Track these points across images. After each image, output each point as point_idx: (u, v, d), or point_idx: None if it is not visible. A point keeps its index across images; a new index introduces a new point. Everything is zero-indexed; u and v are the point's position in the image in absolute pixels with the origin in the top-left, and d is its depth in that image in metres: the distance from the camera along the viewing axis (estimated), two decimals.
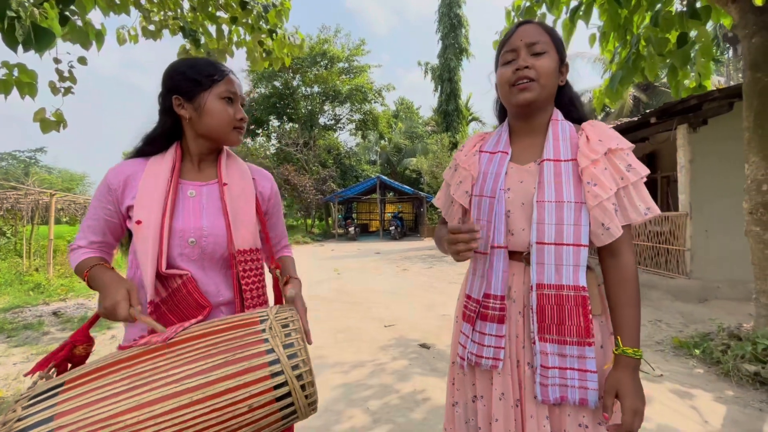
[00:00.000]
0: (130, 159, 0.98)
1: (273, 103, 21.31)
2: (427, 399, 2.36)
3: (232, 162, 1.04)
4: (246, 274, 0.96)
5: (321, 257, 10.49)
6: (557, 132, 0.91)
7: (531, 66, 0.88)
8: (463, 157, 1.03)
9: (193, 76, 0.93)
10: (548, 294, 0.83)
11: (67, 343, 0.86)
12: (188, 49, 3.59)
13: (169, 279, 0.90)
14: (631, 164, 0.83)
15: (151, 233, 0.87)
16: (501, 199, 0.90)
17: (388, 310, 4.62)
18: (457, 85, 18.15)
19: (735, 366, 2.51)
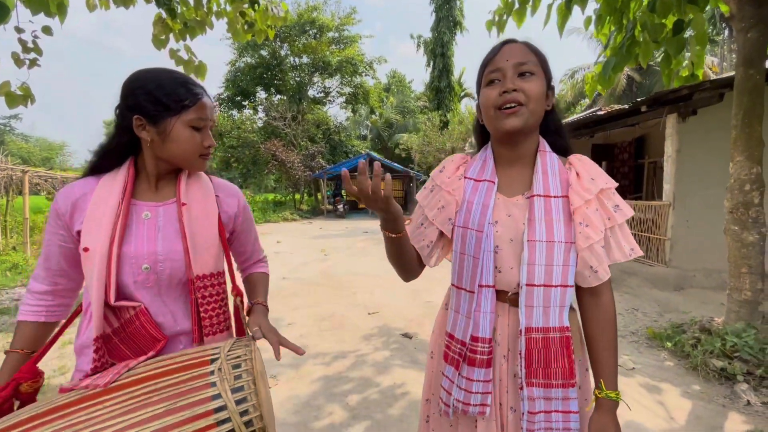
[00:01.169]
0: (81, 179, 0.89)
1: (260, 73, 20.49)
2: (405, 393, 2.40)
3: (193, 179, 0.96)
4: (206, 300, 0.91)
5: (309, 236, 10.45)
6: (546, 165, 0.86)
7: (519, 89, 0.80)
8: (445, 179, 0.94)
9: (161, 99, 0.83)
10: (536, 338, 0.81)
11: (11, 382, 0.82)
12: (164, 18, 3.36)
13: (122, 308, 0.84)
14: (618, 205, 0.83)
15: (98, 261, 0.81)
16: (490, 234, 0.84)
17: (373, 295, 4.65)
18: (450, 60, 17.63)
19: (703, 361, 2.60)
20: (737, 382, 2.39)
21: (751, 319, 2.76)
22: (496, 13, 3.58)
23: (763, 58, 2.65)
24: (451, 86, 17.77)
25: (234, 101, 21.81)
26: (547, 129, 0.91)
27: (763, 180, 2.70)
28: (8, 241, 7.23)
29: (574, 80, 20.16)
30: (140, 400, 0.69)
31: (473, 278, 0.85)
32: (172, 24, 3.36)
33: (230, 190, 1.03)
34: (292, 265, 6.41)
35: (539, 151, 0.88)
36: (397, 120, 24.74)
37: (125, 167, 0.89)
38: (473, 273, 0.85)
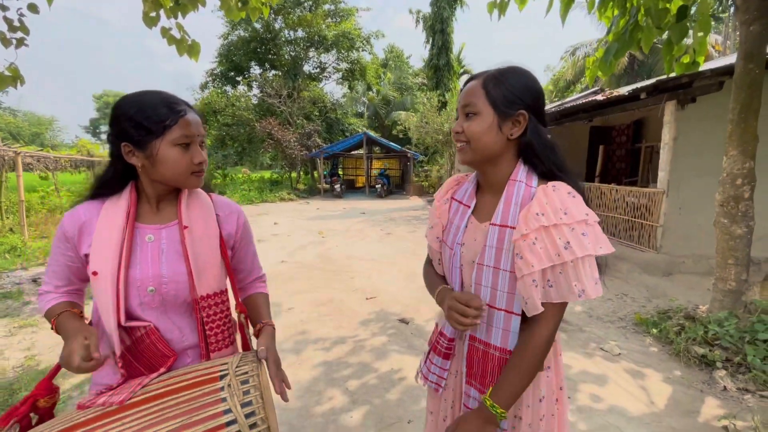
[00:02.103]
0: (86, 202, 0.93)
1: (254, 48, 19.86)
2: (402, 379, 2.52)
3: (193, 200, 0.99)
4: (210, 318, 0.96)
5: (306, 216, 10.49)
6: (511, 195, 0.88)
7: (463, 130, 0.89)
8: (437, 202, 1.06)
9: (142, 122, 0.85)
10: (477, 348, 0.91)
11: (29, 397, 0.87)
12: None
13: (132, 327, 0.90)
14: (570, 242, 0.77)
15: (108, 285, 0.86)
16: (456, 253, 0.94)
17: (370, 280, 4.75)
18: (450, 37, 17.14)
19: (686, 347, 2.73)
20: (716, 369, 2.53)
21: (734, 308, 2.88)
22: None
23: (763, 52, 2.64)
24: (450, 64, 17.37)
25: (227, 77, 21.25)
26: (526, 153, 0.90)
27: (754, 175, 2.75)
28: (4, 222, 7.21)
29: (575, 57, 19.75)
30: (157, 416, 0.75)
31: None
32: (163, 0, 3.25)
33: (230, 207, 1.06)
34: (290, 248, 6.48)
35: (509, 180, 0.89)
36: (395, 97, 24.30)
37: (127, 192, 0.92)
38: (450, 282, 0.99)
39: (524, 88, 0.86)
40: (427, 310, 3.74)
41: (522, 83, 0.87)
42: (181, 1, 3.44)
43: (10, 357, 2.82)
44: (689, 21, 2.74)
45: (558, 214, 0.79)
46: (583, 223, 0.79)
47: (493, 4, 3.55)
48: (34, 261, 5.51)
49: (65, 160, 9.16)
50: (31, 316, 3.59)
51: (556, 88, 22.27)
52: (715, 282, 3.02)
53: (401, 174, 20.39)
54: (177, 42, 3.40)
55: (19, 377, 2.54)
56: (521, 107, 0.86)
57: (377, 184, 15.97)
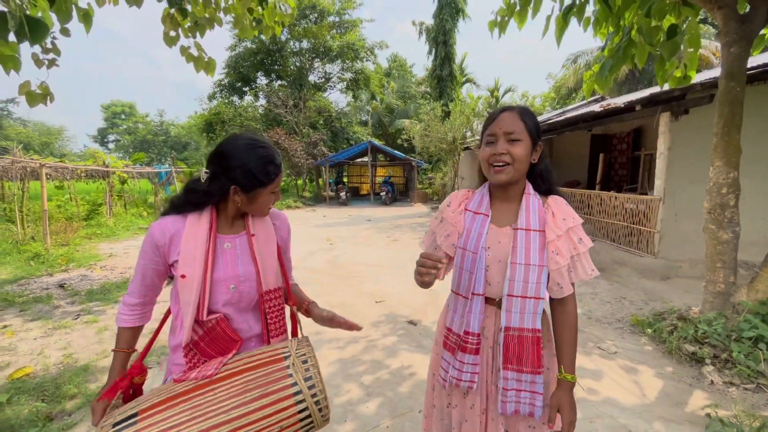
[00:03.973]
0: (170, 216, 1.11)
1: (260, 59, 20.36)
2: (413, 374, 2.73)
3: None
4: (271, 310, 1.19)
5: (314, 224, 10.74)
6: (529, 205, 1.13)
7: (507, 152, 1.08)
8: (450, 214, 1.22)
9: (258, 176, 1.07)
10: (513, 335, 1.10)
11: (127, 374, 1.10)
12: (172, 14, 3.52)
13: (207, 320, 1.10)
14: (582, 239, 1.10)
15: (195, 286, 1.05)
16: (482, 256, 1.12)
17: (379, 285, 4.97)
18: (452, 48, 17.52)
19: (677, 346, 2.92)
20: (705, 365, 2.71)
21: (723, 308, 3.06)
22: (498, 13, 3.75)
23: (743, 72, 2.86)
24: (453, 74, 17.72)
25: (235, 87, 21.72)
26: (533, 174, 1.18)
27: (739, 184, 2.96)
28: (26, 231, 7.51)
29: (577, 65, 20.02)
30: (241, 387, 0.98)
31: (468, 288, 1.14)
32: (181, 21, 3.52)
33: (282, 217, 1.31)
34: (300, 255, 6.71)
35: (525, 193, 1.16)
36: (398, 105, 24.69)
37: (208, 210, 1.13)
38: (468, 284, 1.14)
39: (538, 125, 1.13)
40: (434, 312, 3.95)
41: (537, 121, 1.13)
42: (200, 22, 3.74)
43: (50, 355, 3.06)
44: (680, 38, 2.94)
45: (570, 218, 1.10)
46: (580, 224, 1.12)
47: (493, 22, 3.81)
48: (58, 267, 5.79)
49: (82, 170, 9.50)
50: (62, 318, 3.83)
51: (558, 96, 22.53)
52: (705, 285, 3.21)
53: (405, 181, 20.65)
54: (195, 59, 3.68)
55: (61, 373, 2.77)
56: (539, 139, 1.13)
57: (382, 191, 16.24)
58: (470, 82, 24.62)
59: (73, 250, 6.91)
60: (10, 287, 4.80)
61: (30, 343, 3.29)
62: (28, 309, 4.09)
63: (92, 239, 8.21)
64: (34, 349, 3.18)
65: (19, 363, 2.94)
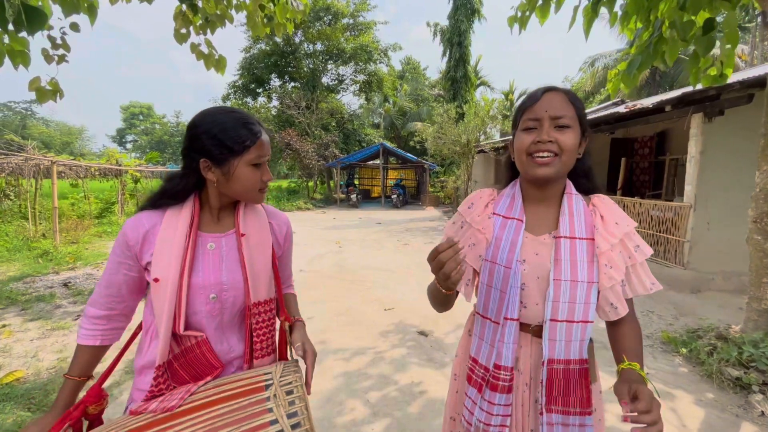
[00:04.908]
0: (147, 211, 0.95)
1: (274, 61, 20.44)
2: (423, 392, 2.50)
3: (249, 209, 1.03)
4: (258, 326, 0.99)
5: (323, 226, 10.59)
6: (572, 207, 0.91)
7: (555, 140, 0.86)
8: (475, 217, 0.99)
9: (226, 142, 0.89)
10: (557, 369, 0.88)
11: (80, 404, 0.90)
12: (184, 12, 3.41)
13: (184, 336, 0.92)
14: (639, 245, 0.89)
15: (169, 291, 0.87)
16: (517, 272, 0.90)
17: (388, 290, 4.75)
18: (467, 50, 17.25)
19: (718, 369, 2.63)
20: (752, 393, 2.42)
21: None
22: (518, 8, 3.52)
23: None
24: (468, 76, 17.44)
25: (249, 89, 21.85)
26: (575, 172, 0.96)
27: None
28: (38, 228, 7.54)
29: (594, 69, 19.57)
30: (207, 425, 0.77)
31: (499, 311, 0.92)
32: (193, 18, 3.41)
33: (281, 217, 1.11)
34: (308, 257, 6.55)
35: (566, 193, 0.93)
36: (411, 108, 24.48)
37: (191, 202, 0.95)
38: (499, 306, 0.92)
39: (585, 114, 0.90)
40: (446, 323, 3.71)
41: (584, 107, 0.90)
42: (210, 18, 3.62)
43: (44, 359, 2.93)
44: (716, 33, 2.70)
45: (623, 221, 0.89)
46: (635, 228, 0.91)
47: (513, 18, 3.58)
48: (65, 265, 5.74)
49: (95, 168, 9.55)
50: (62, 319, 3.72)
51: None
52: (748, 301, 2.91)
53: (417, 184, 20.41)
54: (205, 57, 3.56)
55: (52, 378, 2.63)
56: (585, 131, 0.90)
57: (393, 194, 16.03)
58: (484, 84, 24.29)
59: (82, 248, 6.89)
60: (16, 285, 4.75)
61: (26, 344, 3.18)
62: (29, 308, 4.00)
63: (102, 237, 8.21)
64: (28, 351, 3.06)
65: (11, 366, 2.82)
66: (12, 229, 7.55)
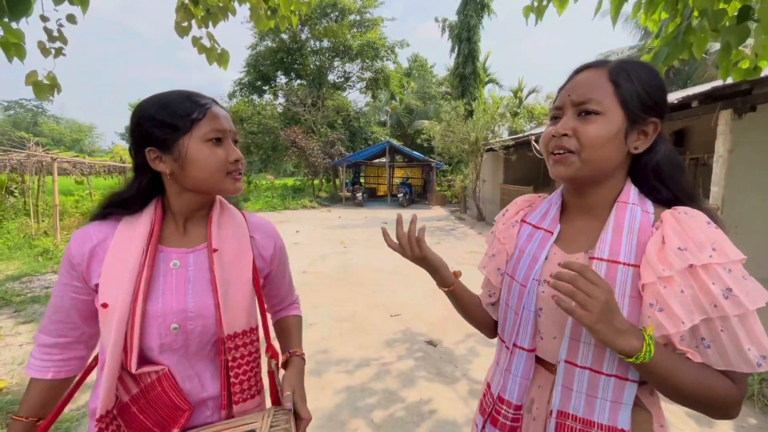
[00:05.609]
0: (97, 222, 0.77)
1: (280, 58, 20.29)
2: (433, 412, 2.29)
3: (226, 218, 0.84)
4: (236, 363, 0.79)
5: (328, 225, 10.42)
6: (622, 221, 0.67)
7: (572, 133, 0.66)
8: (501, 226, 0.86)
9: (167, 120, 0.72)
10: (572, 427, 0.66)
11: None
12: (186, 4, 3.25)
13: (143, 374, 0.74)
14: (732, 289, 0.56)
15: (117, 321, 0.69)
16: (532, 292, 0.72)
17: (394, 294, 4.54)
18: (476, 45, 16.91)
19: (760, 391, 2.38)
20: None
21: None
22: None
23: None
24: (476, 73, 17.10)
25: (255, 86, 21.76)
26: (642, 172, 0.71)
27: None
28: (40, 225, 7.46)
29: None
30: None
31: (510, 334, 0.77)
32: (195, 10, 3.25)
33: (267, 230, 0.91)
34: (312, 258, 6.37)
35: (618, 202, 0.69)
36: (418, 106, 24.20)
37: (151, 208, 0.77)
38: (511, 329, 0.76)
39: (658, 89, 0.66)
40: (456, 330, 3.50)
41: (656, 83, 0.66)
42: (212, 11, 3.44)
43: None
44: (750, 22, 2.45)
45: (705, 249, 0.58)
46: (739, 263, 0.59)
47: (529, 8, 3.33)
48: None
49: (99, 165, 9.48)
50: None
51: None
52: None
53: (423, 183, 20.17)
54: (207, 51, 3.38)
55: None
56: (654, 114, 0.66)
57: (399, 193, 15.81)
58: (493, 82, 23.89)
59: None
60: (12, 285, 4.63)
61: (14, 350, 3.03)
62: (23, 309, 3.87)
63: None
64: (16, 357, 2.91)
65: None
66: (15, 227, 7.49)
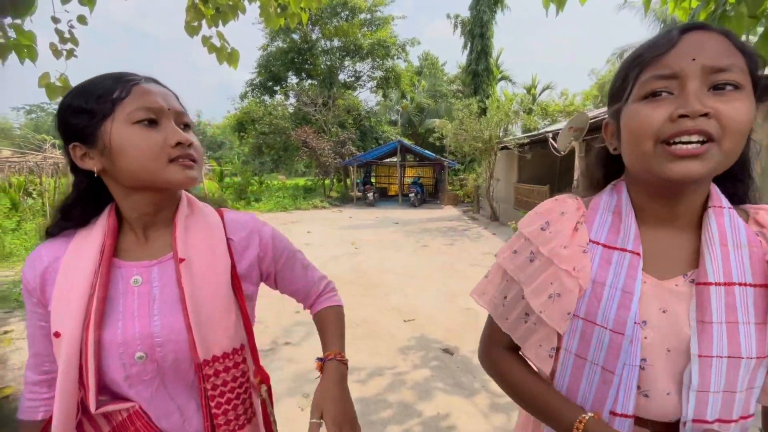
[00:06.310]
0: (49, 241, 0.67)
1: (291, 58, 20.31)
2: (452, 428, 2.15)
3: (195, 220, 0.71)
4: (218, 391, 0.67)
5: (339, 226, 10.33)
6: (724, 230, 0.54)
7: (713, 113, 0.48)
8: (559, 249, 0.62)
9: (82, 105, 0.60)
10: None
11: None
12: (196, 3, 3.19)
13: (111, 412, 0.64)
14: None
15: (65, 352, 0.60)
16: (635, 340, 0.54)
17: (407, 298, 4.41)
18: (489, 41, 16.62)
19: None
20: None
21: None
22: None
23: None
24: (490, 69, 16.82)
25: (266, 87, 21.84)
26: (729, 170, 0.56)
27: None
28: None
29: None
30: None
31: (601, 400, 0.57)
32: (205, 9, 3.18)
33: (247, 226, 0.77)
34: (323, 260, 6.28)
35: (712, 207, 0.56)
36: (429, 104, 23.96)
37: (104, 217, 0.66)
38: (602, 392, 0.57)
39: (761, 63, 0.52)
40: (473, 337, 3.34)
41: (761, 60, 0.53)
42: (222, 9, 3.38)
43: None
44: None
45: None
46: None
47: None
48: None
49: None
50: None
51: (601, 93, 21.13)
52: None
53: (435, 183, 19.95)
54: (217, 50, 3.32)
55: None
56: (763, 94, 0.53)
57: (410, 192, 15.63)
58: (506, 79, 23.49)
59: None
60: None
61: (23, 354, 3.00)
62: None
63: None
64: (24, 362, 2.87)
65: (5, 380, 2.63)
66: (32, 227, 7.59)
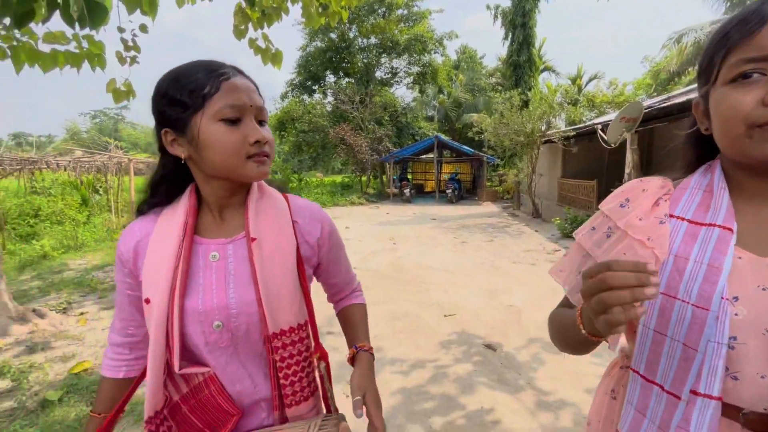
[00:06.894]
0: (142, 216, 0.76)
1: (329, 57, 20.70)
2: (496, 422, 2.13)
3: (265, 203, 0.77)
4: (285, 363, 0.73)
5: (376, 221, 10.44)
6: None
7: None
8: (635, 221, 0.61)
9: (177, 96, 0.65)
10: None
11: None
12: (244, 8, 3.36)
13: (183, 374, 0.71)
14: None
15: (155, 318, 0.67)
16: (723, 317, 0.52)
17: (447, 294, 4.38)
18: (532, 31, 15.94)
19: None
20: None
21: None
22: None
23: None
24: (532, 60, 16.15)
25: (305, 86, 22.42)
26: None
27: None
28: (120, 220, 8.26)
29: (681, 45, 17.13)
30: None
31: (681, 378, 0.54)
32: (251, 13, 3.34)
33: (312, 213, 0.82)
34: (362, 254, 6.38)
35: None
36: (467, 99, 23.46)
37: (185, 198, 0.73)
38: (683, 370, 0.54)
39: None
40: (516, 334, 3.27)
41: None
42: (267, 12, 3.52)
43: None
44: None
45: None
46: None
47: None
48: None
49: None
50: None
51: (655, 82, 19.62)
52: None
53: (473, 178, 19.55)
54: (263, 51, 3.48)
55: None
56: None
57: (448, 188, 15.42)
58: (549, 70, 22.48)
59: None
60: (97, 273, 5.14)
61: (97, 334, 3.32)
62: (105, 296, 4.26)
63: None
64: (99, 340, 3.19)
65: (83, 355, 2.93)
66: (99, 221, 8.36)
